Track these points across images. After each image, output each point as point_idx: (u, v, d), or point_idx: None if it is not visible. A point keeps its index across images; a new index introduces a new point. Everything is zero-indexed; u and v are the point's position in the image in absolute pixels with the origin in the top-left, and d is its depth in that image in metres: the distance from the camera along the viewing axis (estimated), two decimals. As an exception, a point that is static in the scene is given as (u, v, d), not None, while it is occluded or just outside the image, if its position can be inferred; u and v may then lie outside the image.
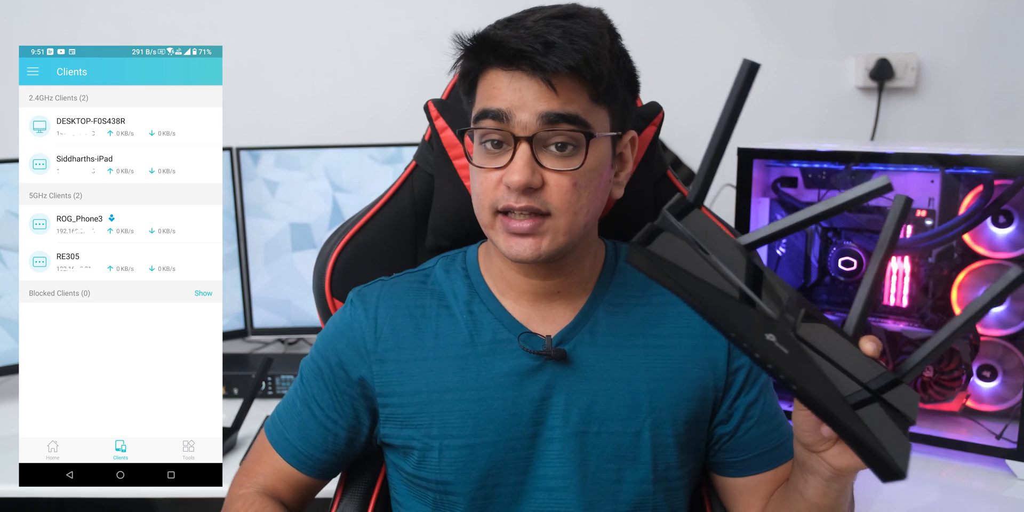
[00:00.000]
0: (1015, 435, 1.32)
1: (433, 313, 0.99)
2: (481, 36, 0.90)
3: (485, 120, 0.90)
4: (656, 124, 1.12)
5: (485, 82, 0.91)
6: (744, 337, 0.65)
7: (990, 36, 1.92)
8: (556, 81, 0.87)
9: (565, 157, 0.89)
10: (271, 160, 1.77)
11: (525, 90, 0.88)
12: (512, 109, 0.88)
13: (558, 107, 0.88)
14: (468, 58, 0.93)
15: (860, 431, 0.66)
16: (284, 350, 1.92)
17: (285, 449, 1.02)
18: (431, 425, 0.96)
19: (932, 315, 1.42)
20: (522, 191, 0.88)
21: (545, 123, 0.88)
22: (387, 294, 1.01)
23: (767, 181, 1.52)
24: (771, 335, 0.66)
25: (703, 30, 1.96)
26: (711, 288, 0.66)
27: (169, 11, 1.95)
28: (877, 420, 0.67)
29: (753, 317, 0.66)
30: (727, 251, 0.70)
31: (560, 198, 0.89)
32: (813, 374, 0.66)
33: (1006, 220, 1.36)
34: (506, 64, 0.88)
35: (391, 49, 1.97)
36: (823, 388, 0.66)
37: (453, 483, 0.95)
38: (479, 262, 1.03)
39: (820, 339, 0.70)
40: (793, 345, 0.66)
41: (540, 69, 0.86)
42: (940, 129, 1.97)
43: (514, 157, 0.88)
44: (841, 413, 0.66)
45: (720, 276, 0.67)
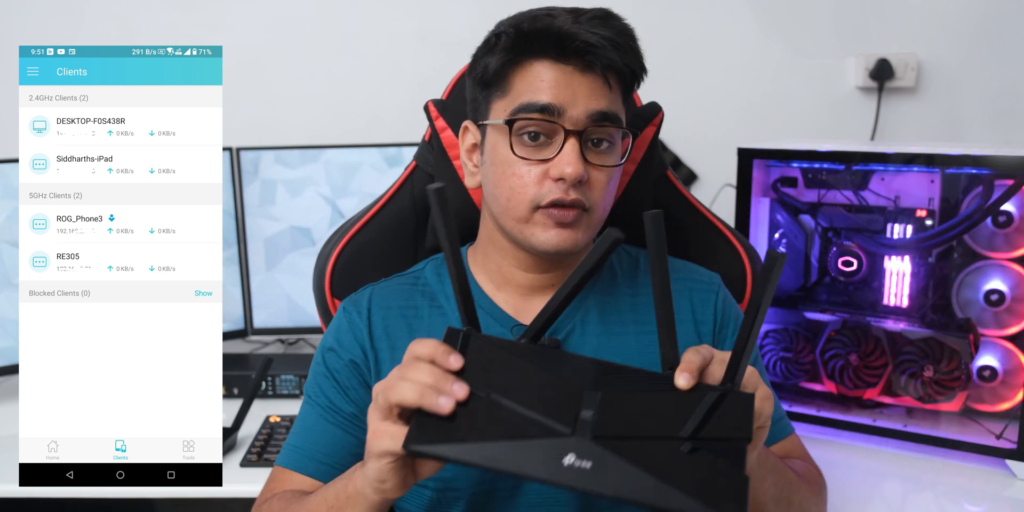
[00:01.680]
0: (1015, 435, 1.32)
1: (425, 313, 1.00)
2: (542, 28, 0.90)
3: (532, 112, 0.90)
4: (656, 124, 1.12)
5: (528, 74, 0.91)
6: (540, 478, 0.65)
7: (990, 36, 1.92)
8: (611, 78, 0.90)
9: (603, 153, 0.92)
10: (271, 160, 1.77)
11: (577, 86, 0.89)
12: (564, 104, 0.89)
13: (607, 105, 0.90)
14: (512, 49, 0.91)
15: (678, 506, 0.64)
16: (284, 350, 1.92)
17: (315, 469, 0.96)
18: None
19: (932, 315, 1.42)
20: (573, 184, 0.89)
21: (593, 120, 0.90)
22: (378, 297, 1.02)
23: (767, 181, 1.52)
24: (570, 456, 0.65)
25: (703, 30, 1.96)
26: (495, 444, 0.66)
27: (169, 11, 1.95)
28: (700, 469, 0.66)
29: (546, 448, 0.66)
30: (508, 368, 0.71)
31: (598, 193, 0.92)
32: (619, 472, 0.65)
33: (1006, 220, 1.36)
34: (564, 56, 0.89)
35: (391, 49, 1.97)
36: (631, 484, 0.64)
37: (454, 480, 0.95)
38: (468, 262, 1.03)
39: (624, 414, 0.68)
40: (594, 453, 0.65)
41: (600, 65, 0.88)
42: (940, 129, 1.97)
43: (563, 150, 0.89)
44: (655, 501, 0.64)
45: (502, 415, 0.67)
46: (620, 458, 0.65)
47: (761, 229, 1.53)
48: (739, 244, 1.17)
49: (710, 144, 1.89)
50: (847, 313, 1.49)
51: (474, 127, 0.98)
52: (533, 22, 0.91)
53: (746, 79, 1.98)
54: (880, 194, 1.45)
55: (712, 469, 0.66)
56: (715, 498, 0.64)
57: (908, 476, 1.36)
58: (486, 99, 0.95)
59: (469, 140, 1.00)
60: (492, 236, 0.99)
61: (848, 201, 1.47)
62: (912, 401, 1.44)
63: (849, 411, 1.48)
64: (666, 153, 1.96)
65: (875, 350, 1.45)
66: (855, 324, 1.48)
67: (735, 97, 1.98)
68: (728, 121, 1.98)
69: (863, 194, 1.46)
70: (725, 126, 1.97)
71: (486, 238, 1.01)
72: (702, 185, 2.00)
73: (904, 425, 1.43)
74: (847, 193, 1.47)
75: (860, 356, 1.46)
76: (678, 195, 1.18)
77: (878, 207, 1.45)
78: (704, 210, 1.18)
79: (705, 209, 1.19)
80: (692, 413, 0.68)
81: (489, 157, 0.95)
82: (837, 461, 1.39)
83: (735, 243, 1.17)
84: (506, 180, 0.92)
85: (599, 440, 0.66)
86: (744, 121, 1.99)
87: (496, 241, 0.99)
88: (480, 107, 0.96)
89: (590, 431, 0.67)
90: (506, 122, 0.91)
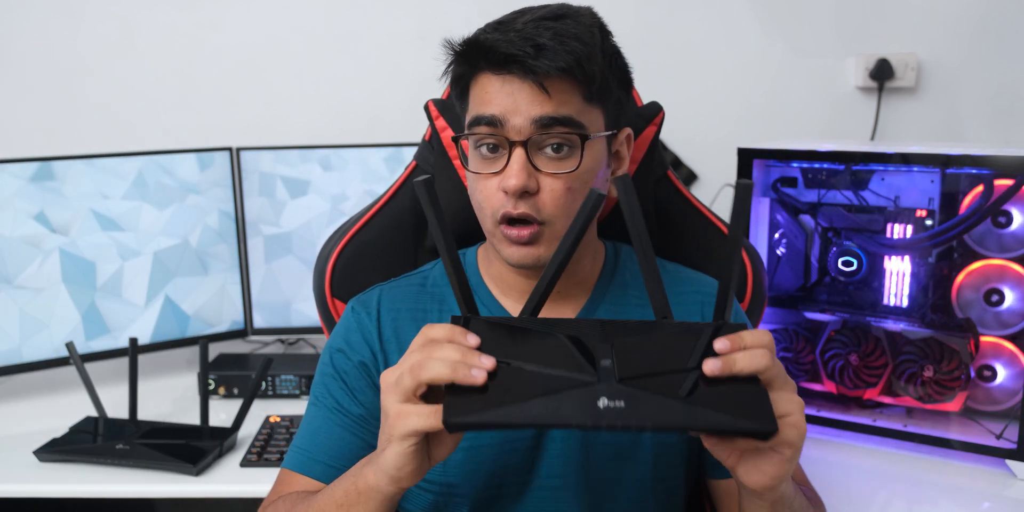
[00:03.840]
0: (1015, 435, 1.32)
1: (435, 316, 0.99)
2: (471, 41, 0.90)
3: (479, 126, 0.90)
4: (656, 124, 1.11)
5: (477, 87, 0.91)
6: (584, 424, 0.67)
7: (990, 36, 1.92)
8: (548, 84, 0.87)
9: (561, 159, 0.89)
10: (271, 160, 1.77)
11: (518, 94, 0.88)
12: (506, 114, 0.88)
13: (551, 110, 0.87)
14: (459, 63, 0.92)
15: (715, 424, 0.68)
16: (284, 350, 1.92)
17: (322, 471, 0.95)
18: None
19: (932, 315, 1.42)
20: (519, 196, 0.88)
21: (539, 127, 0.88)
22: (387, 298, 1.01)
23: (767, 181, 1.52)
24: (602, 400, 0.68)
25: (703, 30, 1.96)
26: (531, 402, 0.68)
27: (169, 11, 1.95)
28: (722, 394, 0.70)
29: (579, 396, 0.69)
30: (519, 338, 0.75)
31: (553, 204, 0.90)
32: (653, 404, 0.68)
33: (1006, 220, 1.36)
34: (497, 68, 0.88)
35: (391, 49, 1.97)
36: (667, 412, 0.68)
37: (459, 485, 0.95)
38: (478, 264, 1.03)
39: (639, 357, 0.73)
40: (625, 393, 0.69)
41: (531, 72, 0.86)
42: (940, 129, 1.97)
43: (509, 161, 0.88)
44: (692, 422, 0.68)
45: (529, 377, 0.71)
46: (648, 392, 0.69)
47: (761, 229, 1.53)
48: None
49: (710, 144, 1.90)
50: (847, 313, 1.49)
51: None
52: (477, 33, 0.90)
53: (746, 79, 1.98)
54: (880, 194, 1.45)
55: (731, 389, 0.70)
56: (745, 413, 0.69)
57: (908, 476, 1.36)
58: (462, 110, 0.95)
59: None
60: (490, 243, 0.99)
61: (848, 201, 1.47)
62: (912, 401, 1.44)
63: (849, 411, 1.48)
64: (666, 153, 1.96)
65: (875, 350, 1.45)
66: (855, 324, 1.48)
67: (735, 97, 1.98)
68: (728, 121, 1.98)
69: (863, 194, 1.46)
70: (725, 126, 1.97)
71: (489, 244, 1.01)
72: (702, 185, 2.00)
73: (904, 425, 1.43)
74: (847, 193, 1.47)
75: (860, 356, 1.46)
76: (679, 195, 1.18)
77: (878, 207, 1.45)
78: (705, 210, 1.18)
79: (706, 209, 1.19)
80: (694, 346, 0.74)
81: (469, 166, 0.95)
82: (837, 461, 1.39)
83: (735, 243, 1.17)
84: (473, 194, 0.94)
85: (624, 381, 0.70)
86: (744, 121, 1.99)
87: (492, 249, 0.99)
88: (461, 120, 0.97)
89: (615, 375, 0.70)
90: (459, 137, 0.93)
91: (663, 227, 1.15)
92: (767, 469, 0.73)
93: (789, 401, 0.73)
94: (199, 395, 1.46)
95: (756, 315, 1.20)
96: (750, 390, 0.71)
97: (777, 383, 0.73)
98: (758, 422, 0.68)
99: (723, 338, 0.73)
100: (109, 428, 1.45)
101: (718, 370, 0.70)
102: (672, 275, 1.05)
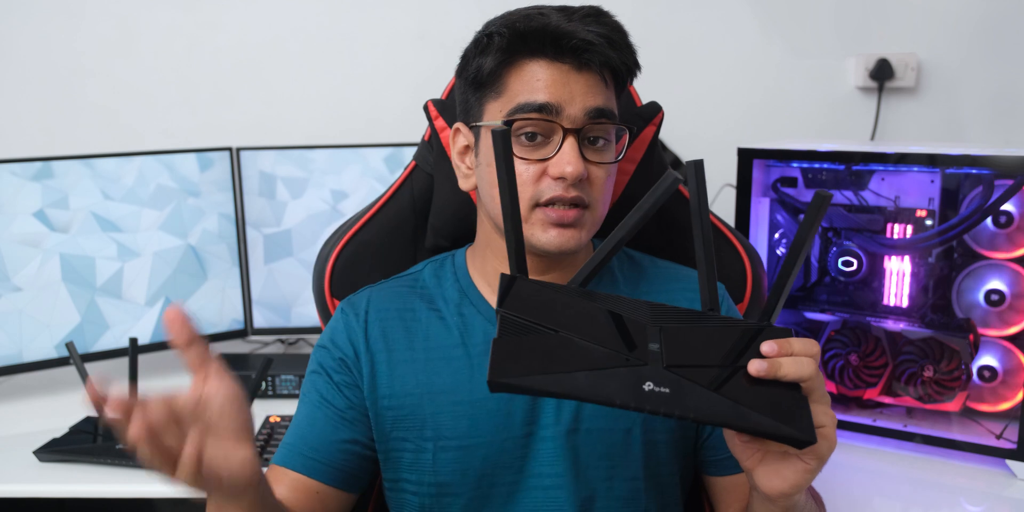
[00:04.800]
0: (1015, 435, 1.32)
1: (423, 316, 0.99)
2: (539, 26, 0.89)
3: (529, 113, 0.89)
4: (656, 124, 1.12)
5: (523, 73, 0.90)
6: (627, 404, 0.67)
7: (990, 36, 1.92)
8: (607, 76, 0.91)
9: (600, 150, 0.92)
10: (271, 160, 1.77)
11: (574, 84, 0.89)
12: (561, 102, 0.89)
13: (603, 102, 0.90)
14: (507, 49, 0.91)
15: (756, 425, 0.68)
16: (284, 350, 1.92)
17: (303, 464, 0.96)
18: (423, 426, 0.95)
19: (932, 315, 1.42)
20: (574, 181, 0.89)
21: (590, 118, 0.90)
22: (375, 299, 1.02)
23: (767, 181, 1.52)
24: (648, 383, 0.69)
25: (703, 30, 1.96)
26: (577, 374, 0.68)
27: (169, 11, 1.95)
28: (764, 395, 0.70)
29: (625, 376, 0.69)
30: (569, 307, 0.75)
31: (598, 190, 0.92)
32: (697, 396, 0.69)
33: (1006, 220, 1.36)
34: (559, 55, 0.89)
35: (391, 49, 1.97)
36: (711, 406, 0.68)
37: (450, 484, 0.95)
38: (467, 265, 1.03)
39: (687, 346, 0.73)
40: (670, 380, 0.69)
41: (597, 63, 0.88)
42: (940, 129, 1.97)
43: (563, 148, 0.89)
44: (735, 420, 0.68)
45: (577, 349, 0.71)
46: (693, 383, 0.69)
47: (761, 229, 1.53)
48: (739, 244, 1.17)
49: (710, 144, 1.89)
50: (847, 313, 1.49)
51: (466, 129, 0.97)
52: (527, 21, 0.90)
53: (746, 79, 1.98)
54: (880, 194, 1.45)
55: (772, 392, 0.71)
56: (786, 418, 0.69)
57: (908, 476, 1.36)
58: (479, 100, 0.94)
59: (461, 142, 0.98)
60: (489, 239, 0.99)
61: (848, 201, 1.47)
62: (912, 401, 1.44)
63: (849, 411, 1.48)
64: (666, 153, 1.96)
65: (875, 350, 1.45)
66: (855, 324, 1.48)
67: (735, 97, 1.98)
68: (728, 121, 1.98)
69: (863, 194, 1.46)
70: (725, 126, 1.97)
71: (483, 241, 1.00)
72: (702, 185, 1.99)
73: (904, 425, 1.43)
74: (847, 193, 1.47)
75: (860, 356, 1.46)
76: (678, 195, 1.18)
77: (878, 207, 1.45)
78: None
79: None
80: (740, 344, 0.74)
81: (485, 158, 0.93)
82: (837, 461, 1.39)
83: (735, 243, 1.16)
84: None
85: (671, 368, 0.70)
86: (744, 121, 1.99)
87: (493, 244, 0.98)
88: (472, 109, 0.95)
89: (662, 361, 0.71)
90: (504, 123, 0.90)
91: (663, 227, 1.15)
92: (788, 476, 0.74)
93: (825, 413, 0.74)
94: (199, 395, 1.46)
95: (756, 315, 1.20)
96: (792, 396, 0.71)
97: (816, 394, 0.74)
98: (799, 430, 0.68)
99: (772, 341, 0.73)
100: (109, 428, 1.45)
101: (763, 372, 0.71)
102: (664, 271, 1.05)
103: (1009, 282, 1.38)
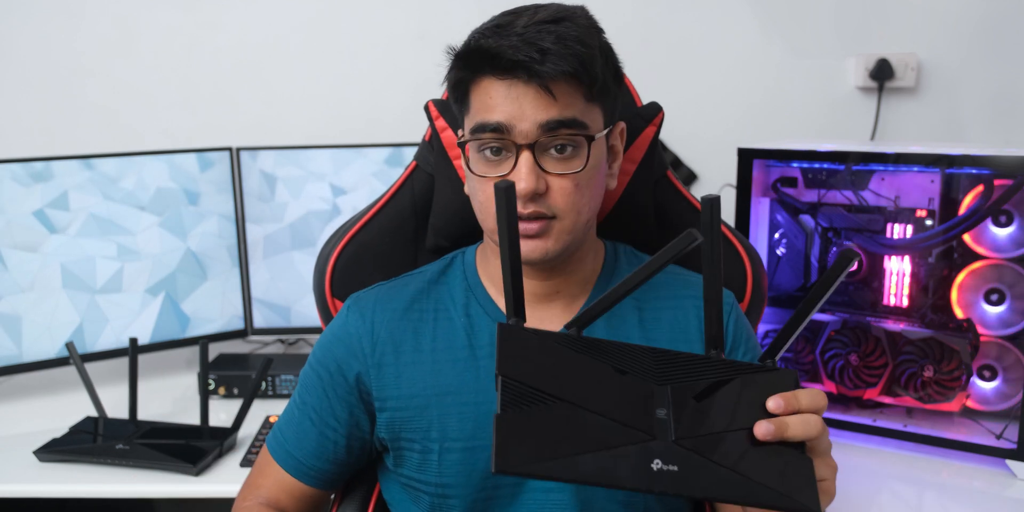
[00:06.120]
0: (1015, 435, 1.32)
1: (430, 317, 0.99)
2: (474, 47, 0.89)
3: (484, 133, 0.89)
4: (656, 124, 1.11)
5: (480, 91, 0.90)
6: (638, 487, 0.67)
7: (990, 36, 1.92)
8: (553, 87, 0.87)
9: (566, 159, 0.90)
10: (271, 160, 1.77)
11: (523, 99, 0.88)
12: (511, 120, 0.88)
13: (557, 114, 0.88)
14: (460, 68, 0.92)
15: (763, 499, 0.68)
16: (284, 350, 1.92)
17: (285, 460, 1.02)
18: (430, 428, 0.95)
19: (932, 315, 1.42)
20: (529, 198, 0.88)
21: (545, 130, 0.88)
22: (384, 298, 1.01)
23: (767, 181, 1.52)
24: (657, 462, 0.68)
25: (703, 30, 1.96)
26: (585, 457, 0.67)
27: (169, 11, 1.95)
28: (768, 459, 0.70)
29: (634, 455, 0.68)
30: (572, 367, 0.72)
31: (564, 201, 0.90)
32: (706, 473, 0.68)
33: (1006, 220, 1.36)
34: (502, 73, 0.88)
35: (391, 49, 1.97)
36: (719, 483, 0.68)
37: (453, 486, 0.95)
38: (476, 264, 1.03)
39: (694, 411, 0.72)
40: (679, 457, 0.68)
41: (538, 77, 0.86)
42: (940, 129, 1.97)
43: (517, 164, 0.89)
44: (742, 497, 0.68)
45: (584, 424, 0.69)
46: (703, 458, 0.69)
47: (761, 229, 1.53)
48: (739, 244, 1.17)
49: (710, 144, 1.89)
50: (847, 313, 1.49)
51: None
52: (478, 38, 0.90)
53: (746, 79, 1.98)
54: (880, 194, 1.45)
55: (779, 457, 0.71)
56: (791, 488, 0.69)
57: (908, 476, 1.36)
58: (460, 113, 0.95)
59: None
60: (489, 244, 1.00)
61: (848, 201, 1.47)
62: (912, 401, 1.44)
63: (849, 411, 1.48)
64: (666, 153, 1.96)
65: (875, 350, 1.45)
66: (855, 324, 1.48)
67: (735, 97, 1.98)
68: (728, 121, 1.98)
69: (863, 194, 1.46)
70: (725, 126, 1.97)
71: (488, 244, 1.01)
72: (702, 185, 2.00)
73: (904, 425, 1.43)
74: (847, 193, 1.47)
75: (860, 356, 1.46)
76: (679, 195, 1.18)
77: (878, 207, 1.45)
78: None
79: None
80: (746, 397, 0.74)
81: (467, 171, 0.95)
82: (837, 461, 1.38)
83: (736, 243, 1.16)
84: (475, 195, 0.94)
85: (680, 442, 0.69)
86: (744, 121, 1.99)
87: (493, 249, 0.99)
88: (460, 121, 0.97)
89: (670, 433, 0.70)
90: (459, 144, 0.93)
91: (663, 228, 1.15)
92: None
93: (827, 466, 0.75)
94: (199, 395, 1.46)
95: (756, 315, 1.20)
96: (795, 458, 0.71)
97: (820, 449, 0.75)
98: (803, 499, 0.69)
99: (778, 397, 0.73)
100: (109, 428, 1.45)
101: (770, 436, 0.71)
102: (674, 278, 1.04)
103: (1009, 282, 1.38)
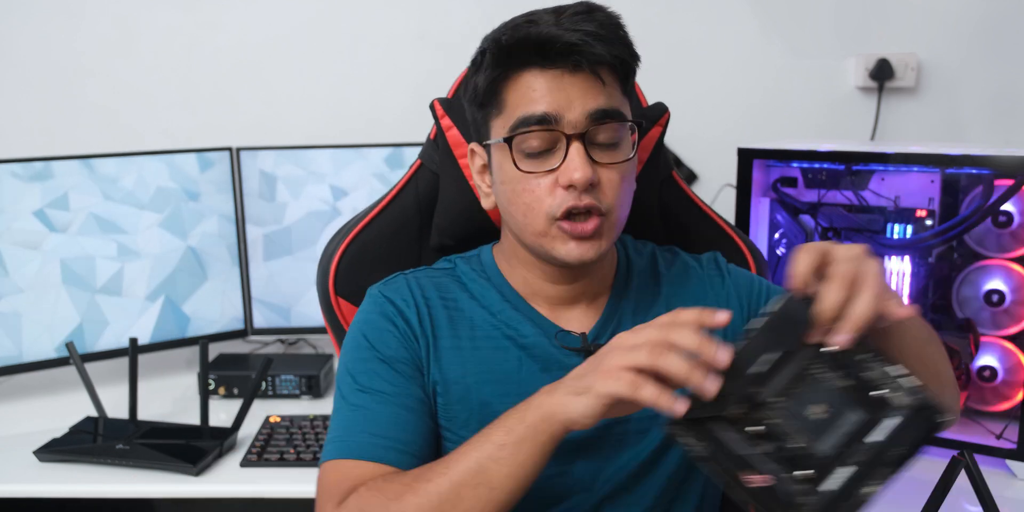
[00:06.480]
0: (1015, 435, 1.32)
1: (466, 306, 0.98)
2: (521, 37, 0.88)
3: (529, 126, 0.88)
4: (662, 125, 1.12)
5: (518, 87, 0.89)
6: None
7: (990, 36, 1.92)
8: (602, 73, 0.88)
9: (611, 151, 0.90)
10: (271, 160, 1.77)
11: (570, 88, 0.87)
12: (559, 110, 0.87)
13: (604, 103, 0.88)
14: (496, 65, 0.90)
15: None
16: (284, 350, 1.91)
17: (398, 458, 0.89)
18: (469, 417, 0.94)
19: (932, 315, 1.42)
20: (584, 188, 0.87)
21: (593, 120, 0.88)
22: (415, 285, 1.00)
23: (767, 181, 1.52)
24: None
25: (703, 30, 1.96)
26: None
27: (169, 11, 1.95)
28: None
29: None
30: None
31: (613, 194, 0.90)
32: None
33: (1006, 220, 1.36)
34: (550, 62, 0.87)
35: (391, 49, 1.97)
36: None
37: None
38: (498, 265, 1.02)
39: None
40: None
41: (589, 61, 0.86)
42: (940, 129, 1.97)
43: (569, 155, 0.88)
44: None
45: None
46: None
47: (761, 229, 1.53)
48: (741, 242, 1.18)
49: (710, 144, 1.89)
50: (847, 313, 1.49)
51: (480, 148, 0.97)
52: (513, 33, 0.89)
53: (746, 79, 1.98)
54: (880, 194, 1.45)
55: None
56: None
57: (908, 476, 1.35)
58: (484, 119, 0.94)
59: (478, 162, 0.98)
60: (516, 251, 0.99)
61: (848, 201, 1.47)
62: (912, 401, 1.44)
63: (849, 411, 1.48)
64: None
65: (875, 350, 1.45)
66: (855, 324, 1.47)
67: (735, 97, 1.98)
68: (728, 121, 1.98)
69: (863, 194, 1.46)
70: (725, 126, 1.97)
71: (510, 251, 1.00)
72: (702, 185, 2.00)
73: (904, 425, 1.43)
74: (847, 193, 1.47)
75: (860, 356, 1.46)
76: (683, 195, 1.19)
77: (878, 207, 1.45)
78: (708, 209, 1.19)
79: (708, 208, 1.19)
80: None
81: (498, 176, 0.93)
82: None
83: (738, 241, 1.18)
84: (519, 197, 0.91)
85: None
86: (744, 121, 1.99)
87: (520, 256, 0.98)
88: (481, 128, 0.95)
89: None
90: (504, 140, 0.90)
91: (669, 228, 1.16)
92: None
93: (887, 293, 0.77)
94: (199, 395, 1.46)
95: (756, 315, 1.21)
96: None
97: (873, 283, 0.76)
98: None
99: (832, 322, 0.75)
100: (109, 428, 1.45)
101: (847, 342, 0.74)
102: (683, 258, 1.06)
103: (1009, 282, 1.38)
